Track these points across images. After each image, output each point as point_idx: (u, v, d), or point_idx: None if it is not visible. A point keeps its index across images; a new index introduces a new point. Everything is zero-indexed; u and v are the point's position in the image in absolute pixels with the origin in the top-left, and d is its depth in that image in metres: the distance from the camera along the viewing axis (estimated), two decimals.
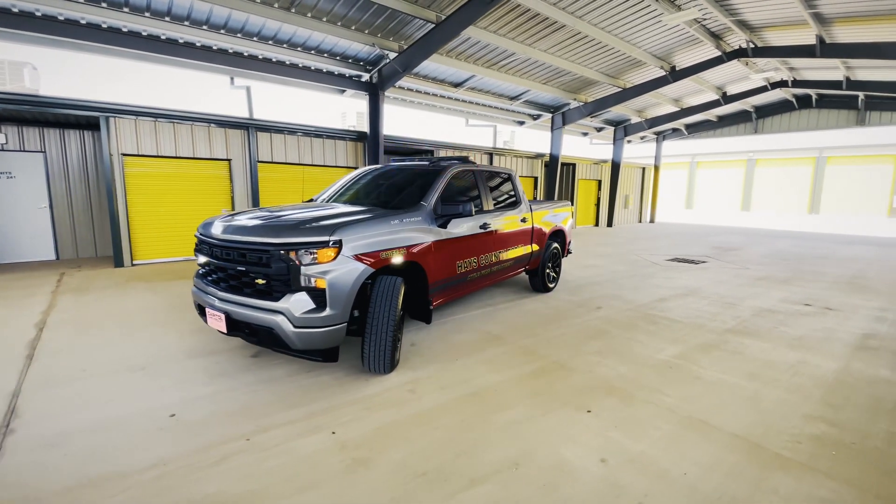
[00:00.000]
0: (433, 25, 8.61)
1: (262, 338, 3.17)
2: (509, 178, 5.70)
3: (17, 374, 3.52)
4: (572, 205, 7.20)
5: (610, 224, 19.23)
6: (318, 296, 3.06)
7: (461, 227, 4.36)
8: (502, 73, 11.75)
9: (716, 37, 10.74)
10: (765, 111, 18.10)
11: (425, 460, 2.46)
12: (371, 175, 5.16)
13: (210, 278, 3.47)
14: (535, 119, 16.06)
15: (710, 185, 35.18)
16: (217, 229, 3.37)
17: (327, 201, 4.93)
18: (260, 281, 3.12)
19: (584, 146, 22.67)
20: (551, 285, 6.62)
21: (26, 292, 6.09)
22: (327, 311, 3.05)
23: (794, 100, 16.77)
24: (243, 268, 3.13)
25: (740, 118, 18.88)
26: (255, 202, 9.55)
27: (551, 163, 15.40)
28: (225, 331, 3.24)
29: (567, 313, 5.48)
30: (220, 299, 3.28)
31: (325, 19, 8.49)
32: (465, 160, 5.01)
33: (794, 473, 2.39)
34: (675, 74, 12.30)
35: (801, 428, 2.83)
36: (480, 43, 10.15)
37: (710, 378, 3.60)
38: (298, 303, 3.02)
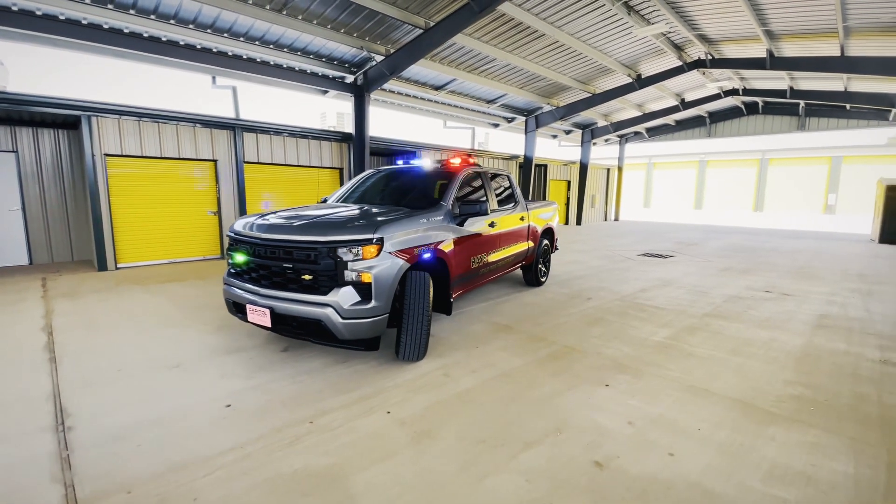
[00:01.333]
0: (421, 31, 8.88)
1: (309, 330, 3.37)
2: (508, 179, 6.09)
3: (47, 375, 3.53)
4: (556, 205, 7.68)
5: (579, 222, 20.13)
6: (363, 289, 3.29)
7: (475, 226, 4.69)
8: (482, 77, 12.18)
9: (678, 48, 11.62)
10: (717, 116, 19.55)
11: (480, 430, 2.78)
12: (381, 176, 5.39)
13: (250, 276, 3.61)
14: (509, 122, 16.63)
15: (666, 184, 37.29)
16: (259, 229, 3.53)
17: (341, 202, 5.12)
18: (307, 277, 3.32)
19: (554, 148, 23.64)
20: (543, 279, 7.07)
21: (14, 298, 5.89)
22: (372, 303, 3.30)
23: (743, 106, 18.23)
24: (290, 265, 3.32)
25: (695, 122, 20.27)
26: (242, 203, 9.48)
27: (525, 164, 16.00)
28: (269, 325, 3.41)
29: (562, 304, 5.93)
30: (264, 296, 3.44)
31: (315, 22, 8.58)
32: (469, 162, 5.35)
33: (783, 425, 2.89)
34: (640, 82, 13.16)
35: (783, 390, 3.36)
36: (464, 48, 10.52)
37: (702, 354, 4.12)
38: (346, 296, 3.24)
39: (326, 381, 3.47)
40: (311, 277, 3.31)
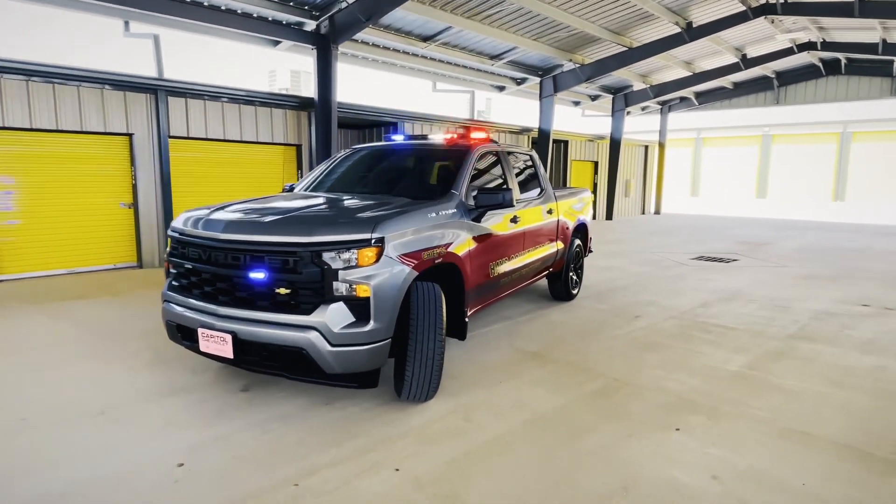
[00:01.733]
0: None
1: (284, 362, 3.37)
2: (531, 158, 6.17)
3: None
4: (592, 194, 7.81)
5: (609, 216, 20.43)
6: (359, 306, 3.31)
7: (493, 221, 4.74)
8: (485, 25, 12.31)
9: None
10: (788, 77, 20.06)
11: (523, 491, 2.81)
12: (365, 156, 5.43)
13: (202, 291, 3.60)
14: (519, 84, 16.82)
15: (719, 166, 37.96)
16: (215, 227, 3.52)
17: (312, 190, 5.14)
18: (283, 290, 3.32)
19: (576, 118, 23.95)
20: (575, 291, 7.19)
21: None
22: (371, 325, 3.31)
23: (821, 65, 18.75)
24: (260, 274, 3.32)
25: (759, 85, 20.76)
26: (166, 193, 9.40)
27: (541, 139, 16.21)
28: (230, 356, 3.40)
29: (603, 324, 6.04)
30: (223, 317, 3.43)
31: None
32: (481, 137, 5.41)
33: None
34: (691, 32, 13.45)
35: None
36: None
37: (792, 387, 4.23)
38: (336, 315, 3.26)
39: (308, 429, 3.47)
40: (288, 291, 3.32)
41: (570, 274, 6.97)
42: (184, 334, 3.70)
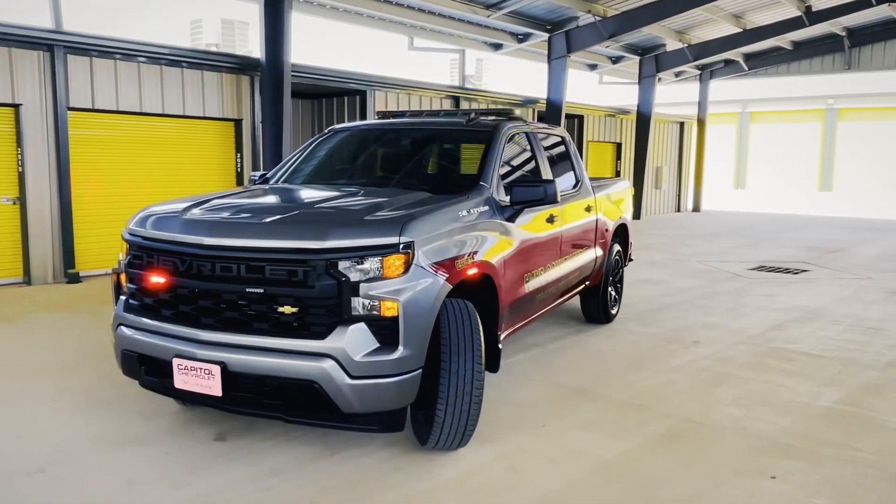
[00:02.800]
0: None
1: (288, 400, 3.55)
2: (564, 142, 6.50)
3: None
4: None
5: (636, 215, 21.00)
6: (383, 328, 3.52)
7: (529, 222, 5.03)
8: None
9: None
10: (861, 36, 21.02)
11: None
12: (361, 137, 5.69)
13: (177, 311, 3.76)
14: (520, 41, 17.30)
15: (772, 149, 39.18)
16: (198, 229, 3.69)
17: (294, 181, 5.35)
18: (288, 309, 3.51)
19: (591, 86, 24.54)
20: (614, 311, 7.53)
21: None
22: (399, 352, 3.53)
23: None
24: (259, 289, 3.51)
25: (825, 46, 21.71)
26: (64, 181, 9.44)
27: (549, 114, 16.66)
28: (218, 393, 3.57)
29: (654, 352, 6.39)
30: (208, 343, 3.60)
31: None
32: (510, 115, 5.71)
33: None
34: None
35: None
36: None
37: None
38: (357, 340, 3.46)
39: (314, 485, 3.66)
40: (296, 310, 3.51)
41: (609, 289, 7.30)
42: (149, 367, 3.84)
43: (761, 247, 14.87)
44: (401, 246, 3.57)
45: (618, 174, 20.67)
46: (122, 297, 4.11)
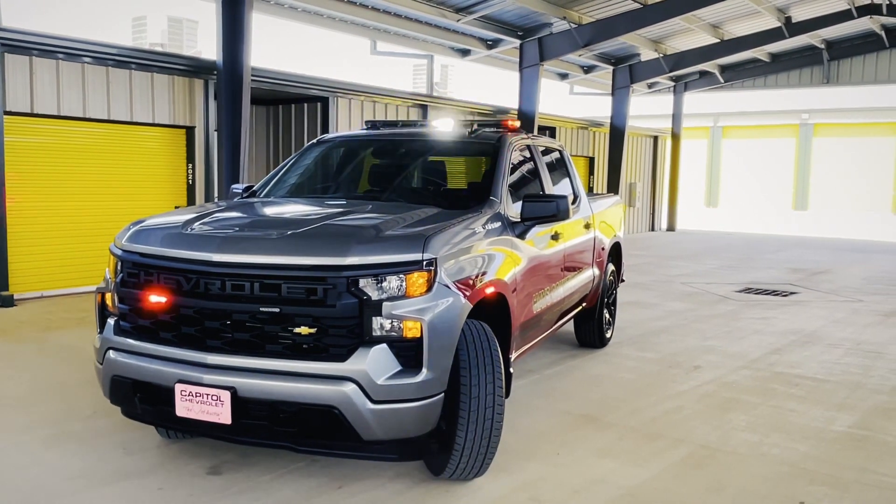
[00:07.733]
0: None
1: (304, 427, 3.60)
2: (561, 155, 6.72)
3: None
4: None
5: None
6: (406, 350, 3.61)
7: (536, 239, 5.20)
8: None
9: None
10: (840, 49, 22.05)
11: None
12: (359, 148, 5.80)
13: (179, 333, 3.79)
14: (490, 47, 17.66)
15: (744, 165, 40.38)
16: (205, 244, 3.74)
17: (277, 194, 5.42)
18: (305, 330, 3.58)
19: (561, 96, 25.08)
20: (608, 334, 7.75)
21: None
22: (423, 374, 3.62)
23: (883, 34, 20.74)
24: (274, 308, 3.58)
25: (803, 58, 22.69)
26: None
27: (521, 125, 16.95)
28: (227, 421, 3.61)
29: (657, 378, 6.62)
30: (216, 367, 3.64)
31: None
32: (511, 129, 5.90)
33: None
34: None
35: None
36: None
37: None
38: (379, 362, 3.54)
39: None
40: (313, 331, 3.58)
41: (604, 311, 7.52)
42: (145, 395, 3.85)
43: (744, 268, 15.39)
44: (424, 263, 3.68)
45: (591, 190, 21.12)
46: (111, 320, 4.10)
